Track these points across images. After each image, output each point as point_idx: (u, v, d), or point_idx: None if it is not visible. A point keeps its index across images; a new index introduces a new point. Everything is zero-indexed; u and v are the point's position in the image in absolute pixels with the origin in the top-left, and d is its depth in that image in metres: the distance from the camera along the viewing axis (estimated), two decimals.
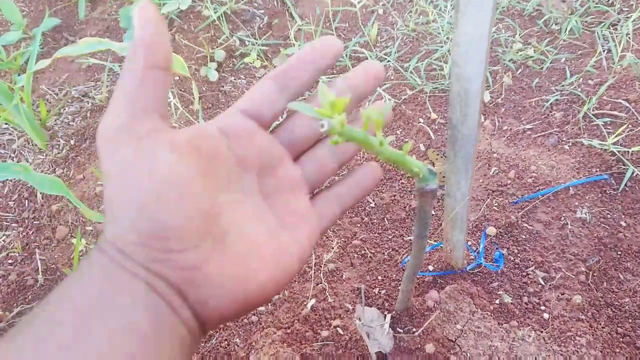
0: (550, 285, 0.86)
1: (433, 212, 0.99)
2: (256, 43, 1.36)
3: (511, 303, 0.83)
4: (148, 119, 0.34)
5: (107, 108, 0.35)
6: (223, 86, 1.31)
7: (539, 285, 0.86)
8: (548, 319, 0.82)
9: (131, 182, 0.32)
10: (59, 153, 1.23)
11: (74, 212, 1.09)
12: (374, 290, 0.88)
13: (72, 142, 1.25)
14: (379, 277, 0.90)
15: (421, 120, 1.16)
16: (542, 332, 0.80)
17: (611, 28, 1.28)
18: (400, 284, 0.87)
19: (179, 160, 0.34)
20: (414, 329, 0.81)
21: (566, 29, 1.28)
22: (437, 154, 1.08)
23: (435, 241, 0.93)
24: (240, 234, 0.38)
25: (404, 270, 0.89)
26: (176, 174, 0.33)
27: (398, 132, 1.17)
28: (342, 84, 0.45)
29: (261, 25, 1.44)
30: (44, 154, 1.23)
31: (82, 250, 1.01)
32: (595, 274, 0.87)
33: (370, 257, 0.93)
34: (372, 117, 0.45)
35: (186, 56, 1.35)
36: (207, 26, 1.42)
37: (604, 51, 1.22)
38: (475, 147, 0.63)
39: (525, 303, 0.84)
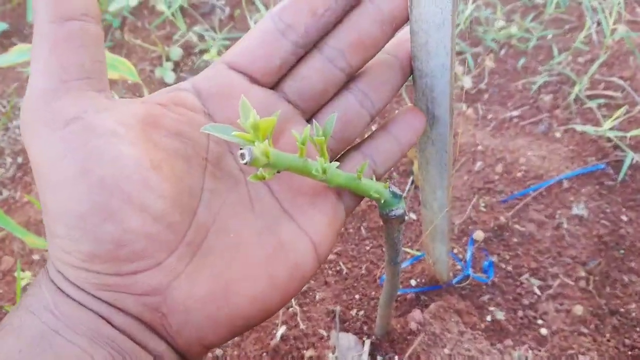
0: (547, 294, 0.76)
1: (414, 217, 0.89)
2: (216, 37, 1.25)
3: (504, 319, 0.74)
4: (74, 93, 0.25)
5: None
6: None
7: (535, 296, 0.76)
8: (547, 335, 0.72)
9: (60, 184, 0.23)
10: (5, 173, 1.12)
11: (20, 239, 0.99)
12: (351, 312, 0.78)
13: (19, 159, 1.14)
14: (357, 296, 0.80)
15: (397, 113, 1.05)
16: (540, 350, 0.71)
17: None
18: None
19: (123, 146, 0.25)
20: (396, 357, 0.71)
21: (552, 2, 1.17)
22: (416, 151, 0.97)
23: (417, 250, 0.83)
24: (221, 234, 0.29)
25: (382, 287, 0.79)
26: (120, 168, 0.24)
27: (372, 127, 1.07)
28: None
29: (222, 18, 1.33)
30: None
31: (27, 284, 0.90)
32: (596, 278, 0.78)
33: (346, 273, 0.83)
34: (312, 137, 0.35)
35: (140, 57, 1.24)
36: (162, 22, 1.30)
37: (593, 24, 1.11)
38: (450, 152, 0.53)
39: (521, 318, 0.74)
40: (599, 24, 1.12)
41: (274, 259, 0.30)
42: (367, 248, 0.86)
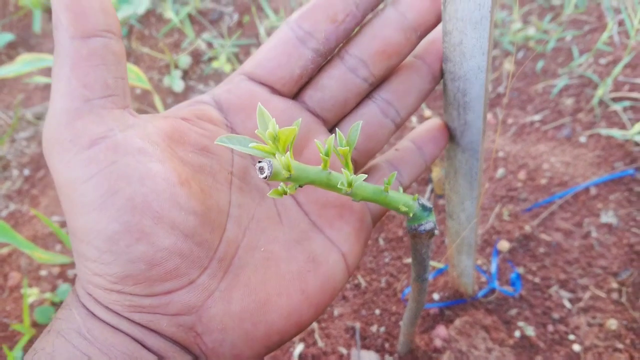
0: (578, 307, 0.72)
1: (437, 232, 0.86)
2: (225, 45, 1.22)
3: (534, 335, 0.70)
4: (98, 112, 0.24)
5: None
6: (190, 96, 1.17)
7: (565, 309, 0.72)
8: (579, 351, 0.68)
9: (88, 206, 0.23)
10: (12, 186, 1.09)
11: (27, 255, 0.96)
12: (371, 328, 0.75)
13: (26, 172, 1.11)
14: (377, 311, 0.76)
15: (414, 119, 1.02)
16: None
17: None
18: (401, 318, 0.74)
19: (151, 164, 0.24)
20: None
21: (569, 2, 1.14)
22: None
23: (439, 262, 0.79)
24: (251, 249, 0.28)
25: (404, 301, 0.76)
26: (149, 186, 0.23)
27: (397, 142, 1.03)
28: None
29: (230, 25, 1.30)
30: None
31: (35, 301, 0.87)
32: (629, 290, 0.74)
33: (365, 287, 0.80)
34: (336, 148, 0.32)
35: (148, 65, 1.21)
36: (170, 30, 1.28)
37: (615, 25, 1.08)
38: (481, 161, 0.49)
39: (551, 333, 0.70)
40: (620, 24, 1.08)
41: (305, 272, 0.29)
42: (386, 260, 0.82)
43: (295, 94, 0.35)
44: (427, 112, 1.02)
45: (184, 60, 1.19)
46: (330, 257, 0.31)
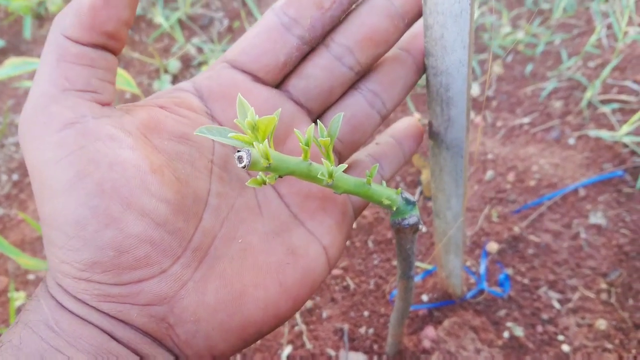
0: (567, 308, 0.72)
1: (424, 229, 0.85)
2: (215, 49, 1.22)
3: (523, 335, 0.70)
4: (74, 100, 0.24)
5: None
6: None
7: (554, 310, 0.72)
8: (569, 351, 0.68)
9: (57, 190, 0.22)
10: (1, 190, 1.09)
11: (14, 259, 0.95)
12: (359, 330, 0.74)
13: (14, 177, 1.11)
14: (365, 313, 0.76)
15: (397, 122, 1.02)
16: None
17: (610, 1, 1.14)
18: (389, 320, 0.74)
19: (121, 150, 0.23)
20: None
21: (558, 6, 1.14)
22: (425, 160, 0.94)
23: (428, 263, 0.79)
24: (229, 239, 0.27)
25: (392, 303, 0.75)
26: (118, 172, 0.23)
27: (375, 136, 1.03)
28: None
29: (220, 30, 1.30)
30: None
31: (21, 305, 0.87)
32: (618, 290, 0.74)
33: (353, 288, 0.79)
34: (317, 139, 0.31)
35: (137, 70, 1.21)
36: (160, 35, 1.28)
37: (603, 28, 1.08)
38: (466, 158, 0.49)
39: (540, 333, 0.70)
40: (608, 27, 1.09)
41: (284, 264, 0.29)
42: (375, 262, 0.82)
43: (279, 83, 0.34)
44: (417, 115, 1.02)
45: (174, 65, 1.19)
46: (310, 250, 0.30)
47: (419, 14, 0.37)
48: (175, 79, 1.20)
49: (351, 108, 0.36)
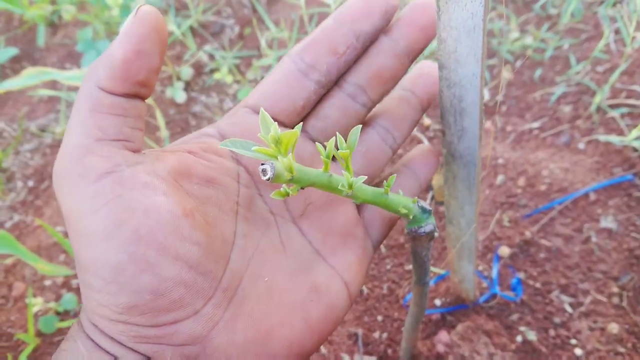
0: (579, 312, 0.73)
1: (437, 234, 0.86)
2: (226, 56, 1.24)
3: (536, 339, 0.70)
4: (107, 149, 0.25)
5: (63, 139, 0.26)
6: (193, 107, 1.19)
7: (567, 314, 0.73)
8: (581, 355, 0.69)
9: (95, 237, 0.23)
10: (16, 197, 1.11)
11: (31, 265, 0.97)
12: (373, 335, 0.75)
13: (30, 183, 1.13)
14: (379, 318, 0.77)
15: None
16: None
17: (618, 5, 1.14)
18: (403, 324, 0.74)
19: (156, 197, 0.25)
20: None
21: (566, 11, 1.15)
22: None
23: (441, 268, 0.80)
24: (255, 278, 0.28)
25: (406, 307, 0.76)
26: (154, 218, 0.24)
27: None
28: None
29: (232, 37, 1.32)
30: (1, 200, 1.10)
31: (39, 311, 0.88)
32: (629, 294, 0.74)
33: (367, 293, 0.80)
34: (336, 150, 0.32)
35: None
36: (172, 42, 1.29)
37: (611, 33, 1.09)
38: (479, 166, 0.50)
39: (553, 337, 0.71)
40: (617, 32, 1.09)
41: (308, 302, 0.30)
42: (388, 267, 0.83)
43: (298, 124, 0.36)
44: (427, 121, 1.03)
45: (186, 71, 1.20)
46: (333, 287, 0.31)
47: (421, 50, 0.39)
48: (188, 86, 1.21)
49: (366, 143, 0.38)
